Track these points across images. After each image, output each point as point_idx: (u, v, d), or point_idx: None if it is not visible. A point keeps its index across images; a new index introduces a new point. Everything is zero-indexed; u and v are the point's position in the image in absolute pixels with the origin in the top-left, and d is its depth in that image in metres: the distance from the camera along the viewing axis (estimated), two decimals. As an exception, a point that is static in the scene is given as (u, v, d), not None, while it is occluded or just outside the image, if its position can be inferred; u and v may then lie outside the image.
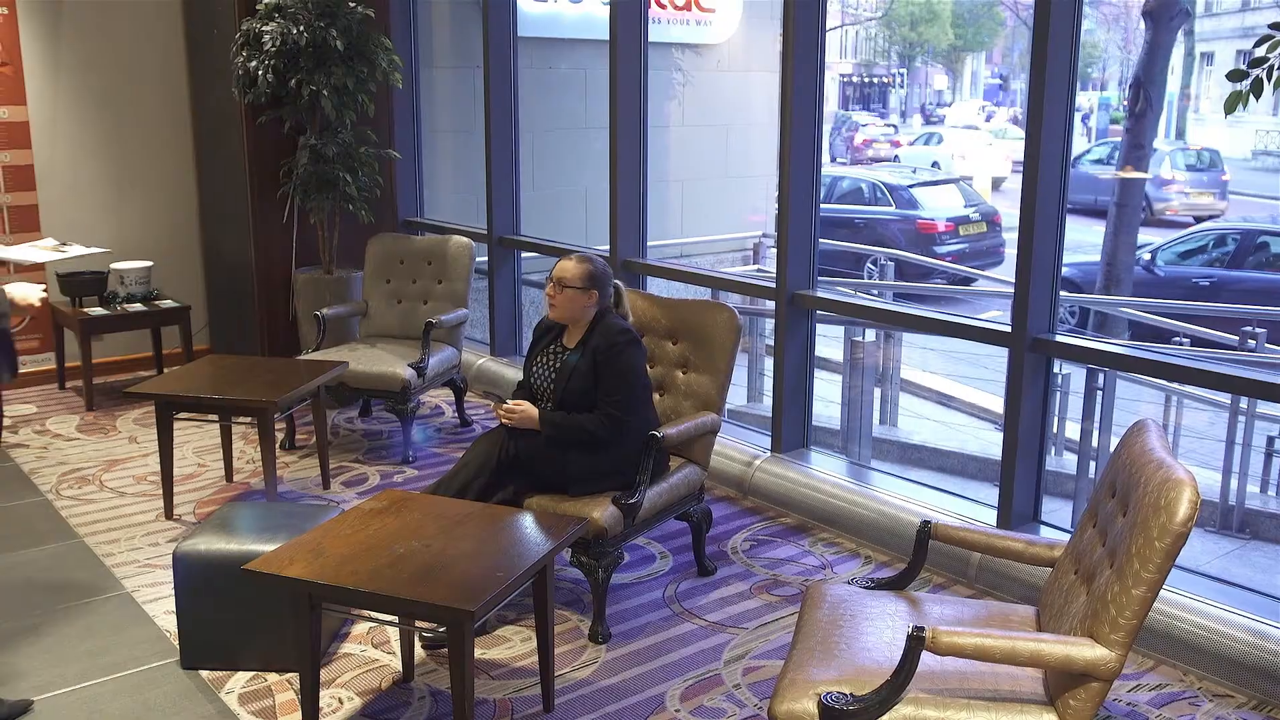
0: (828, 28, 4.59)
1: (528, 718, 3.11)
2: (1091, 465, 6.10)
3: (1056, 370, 4.81)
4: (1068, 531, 3.90)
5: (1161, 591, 2.30)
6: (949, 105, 36.03)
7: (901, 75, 38.09)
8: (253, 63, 5.55)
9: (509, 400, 3.62)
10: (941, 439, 7.66)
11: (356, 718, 3.10)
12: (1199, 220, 14.34)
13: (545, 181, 8.43)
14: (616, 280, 3.77)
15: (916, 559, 2.86)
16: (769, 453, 4.81)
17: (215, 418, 4.69)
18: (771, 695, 2.37)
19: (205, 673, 3.30)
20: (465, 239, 5.72)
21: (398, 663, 3.34)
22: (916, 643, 2.23)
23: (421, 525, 3.02)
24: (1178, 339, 7.51)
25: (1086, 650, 2.21)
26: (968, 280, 11.69)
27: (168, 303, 6.22)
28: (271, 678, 3.28)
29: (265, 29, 5.51)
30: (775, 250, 4.75)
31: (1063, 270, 3.95)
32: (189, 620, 3.30)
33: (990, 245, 13.37)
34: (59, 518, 4.46)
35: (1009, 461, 3.97)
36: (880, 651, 2.45)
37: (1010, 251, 10.11)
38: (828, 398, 6.90)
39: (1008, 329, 3.92)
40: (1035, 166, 3.72)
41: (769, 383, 6.46)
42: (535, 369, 3.71)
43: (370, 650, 3.45)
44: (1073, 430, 6.64)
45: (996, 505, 4.06)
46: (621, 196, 5.37)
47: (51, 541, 4.24)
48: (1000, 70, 37.48)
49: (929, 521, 2.82)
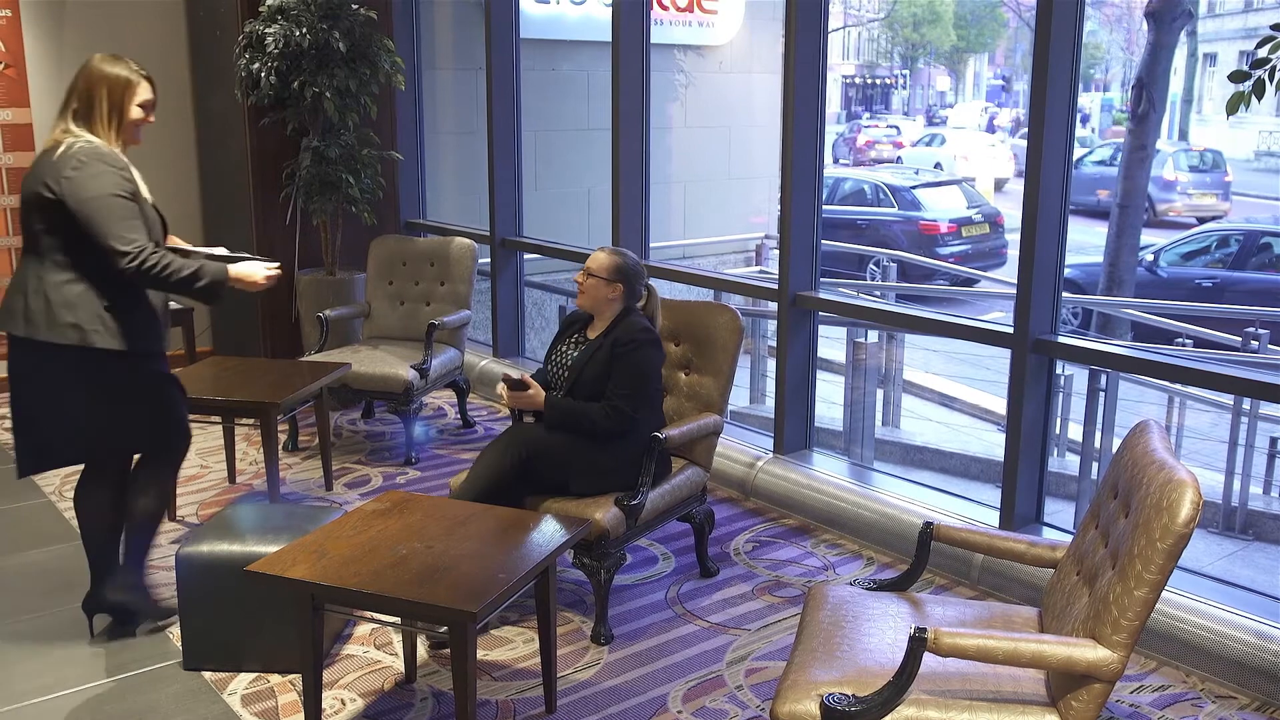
0: (830, 29, 4.59)
1: (530, 719, 3.11)
2: (1094, 466, 6.10)
3: (1059, 371, 4.81)
4: (1070, 533, 3.90)
5: (1164, 593, 2.31)
6: (951, 106, 36.04)
7: (904, 77, 38.11)
8: (255, 65, 5.56)
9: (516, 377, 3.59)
10: (944, 440, 7.66)
11: (359, 719, 3.10)
12: (1202, 221, 14.34)
13: (548, 183, 8.44)
14: (650, 282, 3.77)
15: (919, 560, 2.86)
16: (771, 454, 4.81)
17: (218, 419, 4.69)
18: (774, 696, 2.37)
19: (208, 674, 3.30)
20: (468, 240, 5.72)
21: (400, 664, 3.34)
22: (919, 644, 2.23)
23: (424, 526, 3.02)
24: (1180, 340, 7.50)
25: (1089, 651, 2.21)
26: (970, 281, 11.70)
27: (170, 304, 6.21)
28: (274, 679, 3.28)
29: (268, 31, 5.52)
30: (777, 251, 4.75)
31: (1065, 271, 3.95)
32: (192, 621, 3.30)
33: (993, 246, 13.38)
34: (62, 519, 4.46)
35: (1011, 463, 3.97)
36: (882, 653, 2.45)
37: (1013, 253, 10.11)
38: (830, 399, 6.90)
39: (1010, 330, 3.92)
40: (1037, 168, 3.72)
41: (771, 384, 6.47)
42: (554, 357, 3.72)
43: (373, 652, 3.45)
44: (1075, 431, 6.63)
45: (999, 506, 4.06)
46: (624, 198, 5.37)
47: (54, 543, 4.25)
48: (1003, 71, 37.49)
49: (931, 523, 2.82)
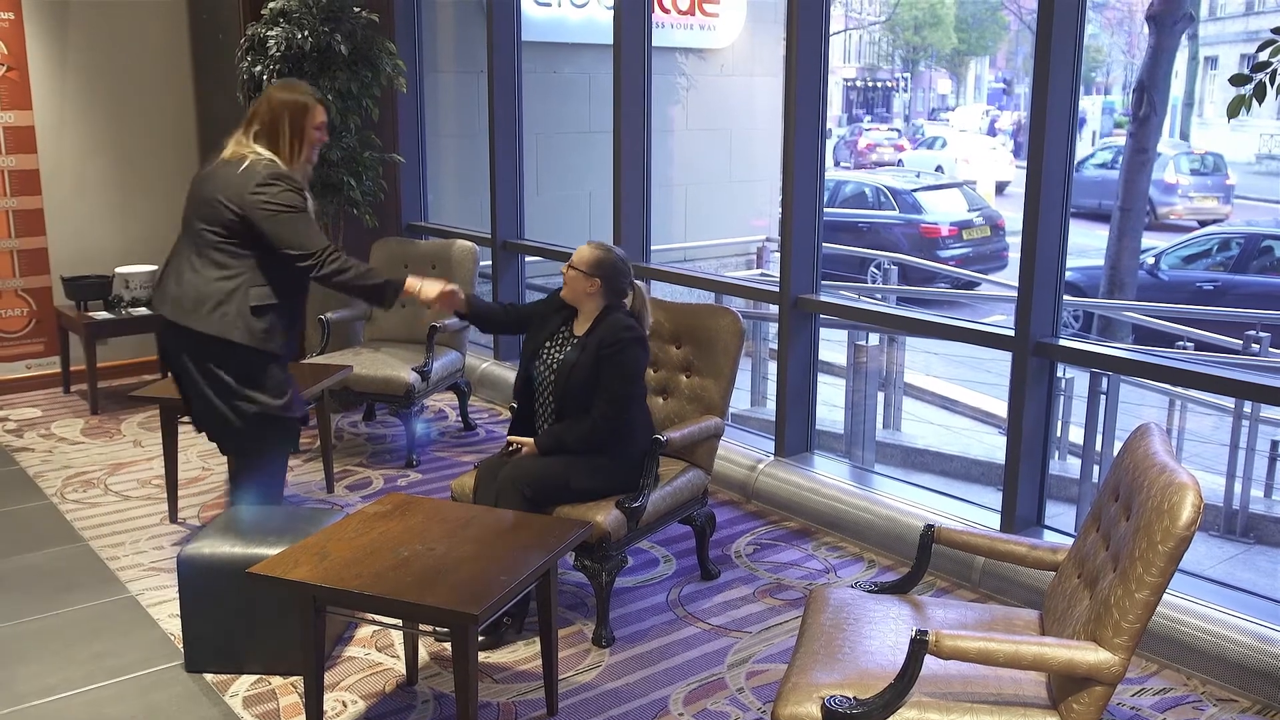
0: (831, 32, 4.60)
1: (531, 721, 3.11)
2: (1095, 469, 6.10)
3: (1060, 374, 4.81)
4: (1071, 536, 3.90)
5: (1165, 596, 2.31)
6: (953, 110, 36.04)
7: (905, 80, 38.11)
8: (257, 67, 5.56)
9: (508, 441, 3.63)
10: (945, 443, 7.65)
11: (360, 721, 3.11)
12: (1203, 224, 14.34)
13: (549, 186, 8.45)
14: (638, 281, 3.73)
15: (920, 563, 2.86)
16: (772, 457, 4.81)
17: (220, 421, 4.70)
18: (775, 699, 2.37)
19: (210, 676, 3.31)
20: (469, 243, 5.73)
21: (402, 666, 3.35)
22: (920, 646, 2.23)
23: (425, 529, 3.03)
24: (1181, 343, 7.50)
25: (1090, 654, 2.21)
26: (971, 284, 11.70)
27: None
28: (276, 681, 3.28)
29: (270, 34, 5.52)
30: (779, 254, 4.75)
31: (1066, 274, 3.95)
32: (193, 623, 3.31)
33: (994, 249, 13.37)
34: (64, 521, 4.47)
35: (1012, 465, 3.97)
36: (884, 655, 2.46)
37: (1014, 256, 10.12)
38: (831, 402, 6.90)
39: (1011, 333, 3.92)
40: (1038, 170, 3.73)
41: (772, 387, 6.47)
42: (540, 356, 3.68)
43: (374, 654, 3.45)
44: (1076, 434, 6.63)
45: (1000, 509, 4.06)
46: (625, 201, 5.37)
47: (56, 545, 4.25)
48: (1004, 74, 37.49)
49: (932, 525, 2.83)
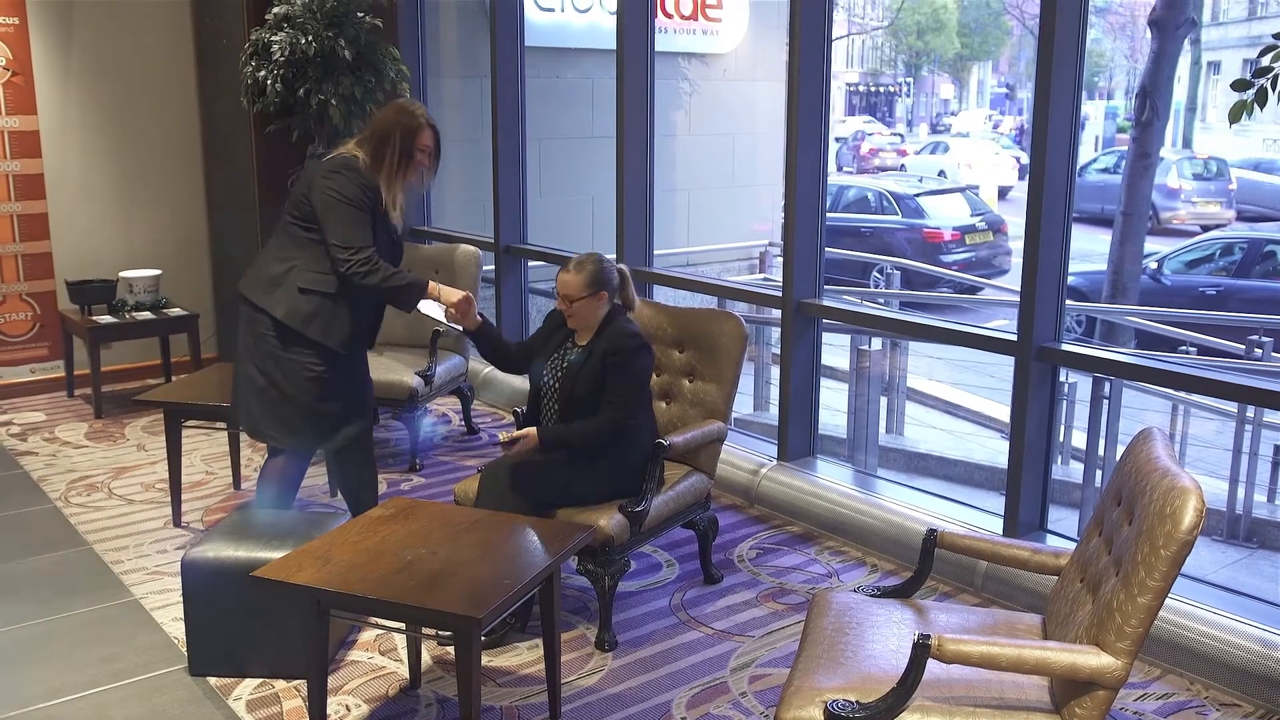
0: (834, 37, 4.61)
1: (534, 725, 3.12)
2: (1098, 474, 6.10)
3: (1063, 379, 4.81)
4: (1073, 540, 3.90)
5: (1168, 600, 2.31)
6: (955, 114, 36.06)
7: (908, 84, 38.14)
8: (261, 72, 5.58)
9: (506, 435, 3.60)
10: (947, 447, 7.66)
11: (363, 725, 3.11)
12: (1206, 229, 14.33)
13: (552, 190, 8.46)
14: (621, 265, 3.70)
15: (922, 567, 2.86)
16: (775, 461, 4.82)
17: (223, 425, 4.71)
18: (778, 703, 2.38)
19: (213, 679, 3.31)
20: (472, 248, 5.73)
21: (405, 670, 3.35)
22: (922, 650, 2.23)
23: (429, 532, 3.03)
24: (1184, 348, 7.50)
25: (1092, 658, 2.21)
26: (974, 289, 11.70)
27: (176, 311, 6.24)
28: (279, 684, 3.28)
29: (274, 39, 5.54)
30: (781, 259, 4.75)
31: (1069, 279, 3.95)
32: (197, 627, 3.31)
33: (997, 254, 13.38)
34: (68, 525, 4.48)
35: (1015, 470, 3.97)
36: (886, 659, 2.46)
37: (1017, 260, 10.12)
38: (834, 406, 6.90)
39: (1014, 338, 3.93)
40: (1041, 175, 3.73)
41: (775, 391, 6.47)
42: (546, 365, 3.67)
43: (377, 657, 3.46)
44: (1079, 439, 6.63)
45: (1003, 514, 4.06)
46: (628, 205, 5.38)
47: (60, 549, 4.26)
48: (1007, 79, 37.51)
49: (935, 530, 2.83)
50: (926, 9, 34.15)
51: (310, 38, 5.52)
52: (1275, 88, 2.91)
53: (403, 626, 3.15)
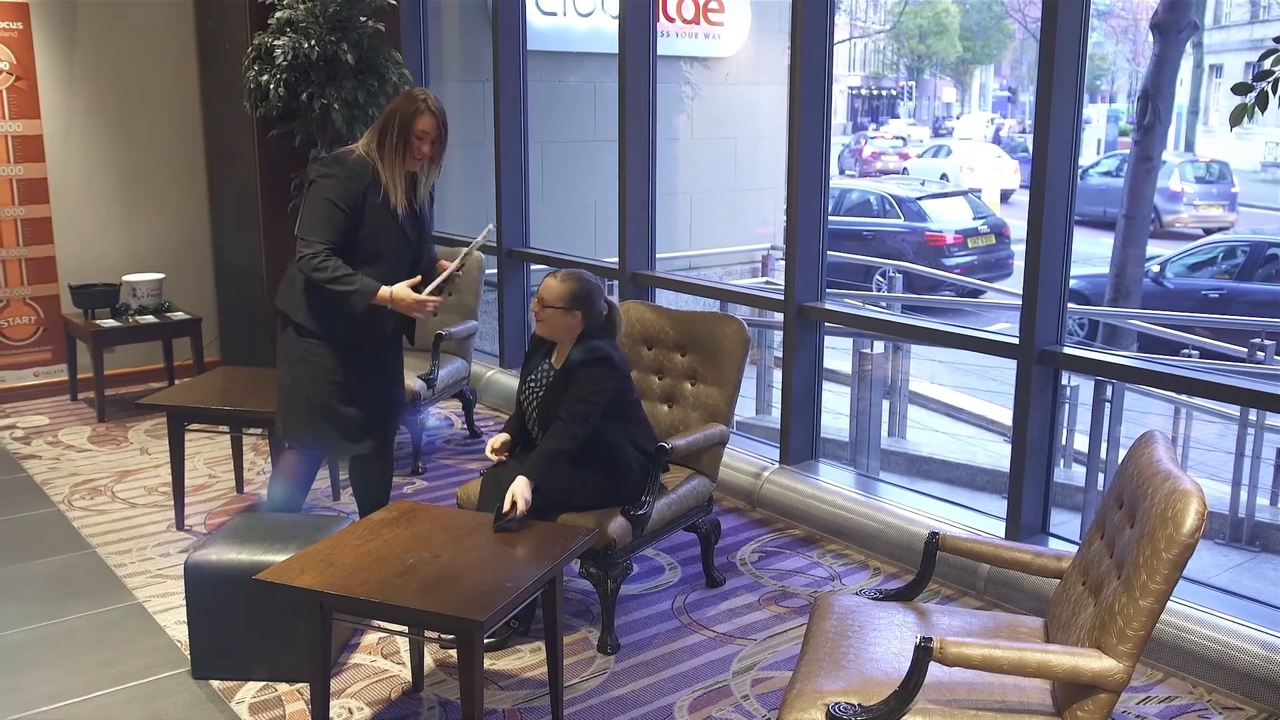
0: (836, 40, 4.61)
1: (537, 728, 3.12)
2: (1100, 477, 6.09)
3: (1065, 382, 4.81)
4: (1075, 543, 3.90)
5: (1170, 603, 2.31)
6: (957, 118, 36.06)
7: (910, 88, 38.16)
8: (264, 76, 5.59)
9: (490, 446, 3.56)
10: (949, 451, 7.65)
11: (366, 728, 3.11)
12: (1208, 232, 14.33)
13: (554, 194, 8.46)
14: (611, 298, 3.64)
15: (925, 570, 2.86)
16: (777, 464, 4.82)
17: (226, 429, 4.72)
18: (780, 706, 2.38)
19: (216, 683, 3.31)
20: (475, 252, 5.73)
21: (407, 673, 3.35)
22: (924, 653, 2.23)
23: (431, 536, 3.03)
24: (1186, 351, 7.50)
25: (1094, 661, 2.21)
26: (976, 292, 11.70)
27: (179, 315, 6.25)
28: (282, 688, 3.29)
29: (277, 43, 5.55)
30: (783, 262, 4.76)
31: (1071, 282, 3.95)
32: (200, 630, 3.32)
33: (999, 257, 13.39)
34: (71, 528, 4.48)
35: (1017, 473, 3.97)
36: (888, 662, 2.46)
37: (1019, 264, 10.11)
38: (836, 410, 6.90)
39: (1016, 341, 3.93)
40: (1043, 179, 3.73)
41: (777, 395, 6.47)
42: (525, 388, 3.62)
43: (380, 660, 3.46)
44: (1081, 442, 6.62)
45: (1005, 517, 4.06)
46: (630, 209, 5.39)
47: (63, 552, 4.27)
48: (1009, 83, 37.52)
49: (937, 533, 2.83)
50: (928, 12, 34.18)
51: (313, 42, 5.53)
52: (1276, 91, 2.92)
53: (405, 629, 3.15)
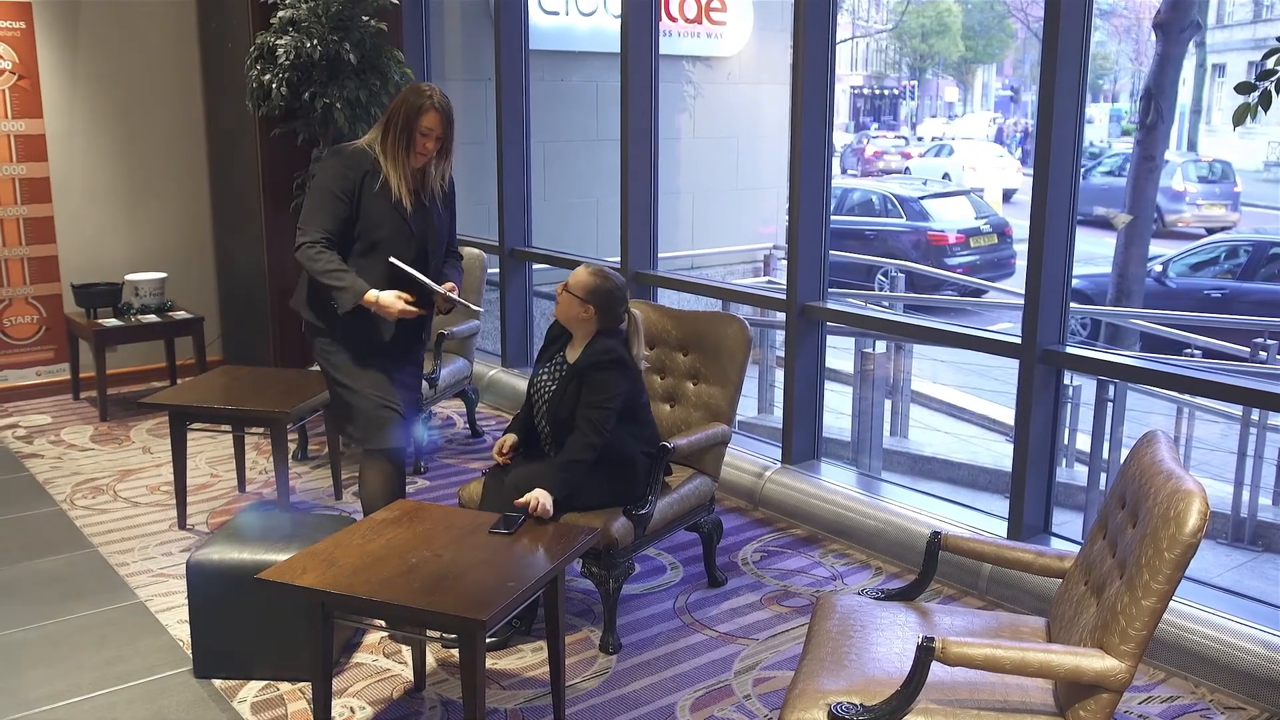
0: (838, 40, 4.61)
1: (538, 728, 3.12)
2: (1102, 477, 6.09)
3: (1067, 382, 4.81)
4: (1078, 543, 3.90)
5: (1173, 603, 2.31)
6: (960, 117, 36.04)
7: (912, 87, 38.13)
8: (266, 76, 5.59)
9: (497, 447, 3.59)
10: (952, 450, 7.65)
11: (368, 727, 3.11)
12: (1211, 232, 14.32)
13: (557, 193, 8.46)
14: (634, 310, 3.64)
15: (927, 570, 2.86)
16: (779, 464, 4.82)
17: (228, 428, 4.72)
18: (782, 705, 2.38)
19: (218, 682, 3.32)
20: (477, 250, 5.73)
21: (409, 672, 3.35)
22: (926, 653, 2.23)
23: (433, 535, 3.04)
24: (1189, 351, 7.49)
25: (1096, 661, 2.21)
26: (978, 292, 11.69)
27: (181, 314, 6.25)
28: (284, 687, 3.29)
29: (279, 43, 5.55)
30: (786, 262, 4.76)
31: (1073, 282, 3.95)
32: (202, 630, 3.32)
33: (1001, 257, 13.38)
34: (73, 527, 4.49)
35: (1019, 473, 3.97)
36: (890, 662, 2.46)
37: (1021, 263, 10.11)
38: (838, 409, 6.90)
39: (1018, 341, 3.93)
40: (1045, 178, 3.73)
41: (779, 394, 6.47)
42: (537, 380, 3.64)
43: (382, 660, 3.46)
44: (1083, 442, 6.62)
45: (1007, 517, 4.06)
46: (632, 208, 5.39)
47: (65, 551, 4.27)
48: (1011, 82, 37.49)
49: (939, 533, 2.83)
50: (931, 12, 34.15)
51: (315, 41, 5.53)
52: (1279, 91, 2.92)
53: (407, 629, 3.15)
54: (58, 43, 6.25)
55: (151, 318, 6.15)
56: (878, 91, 38.60)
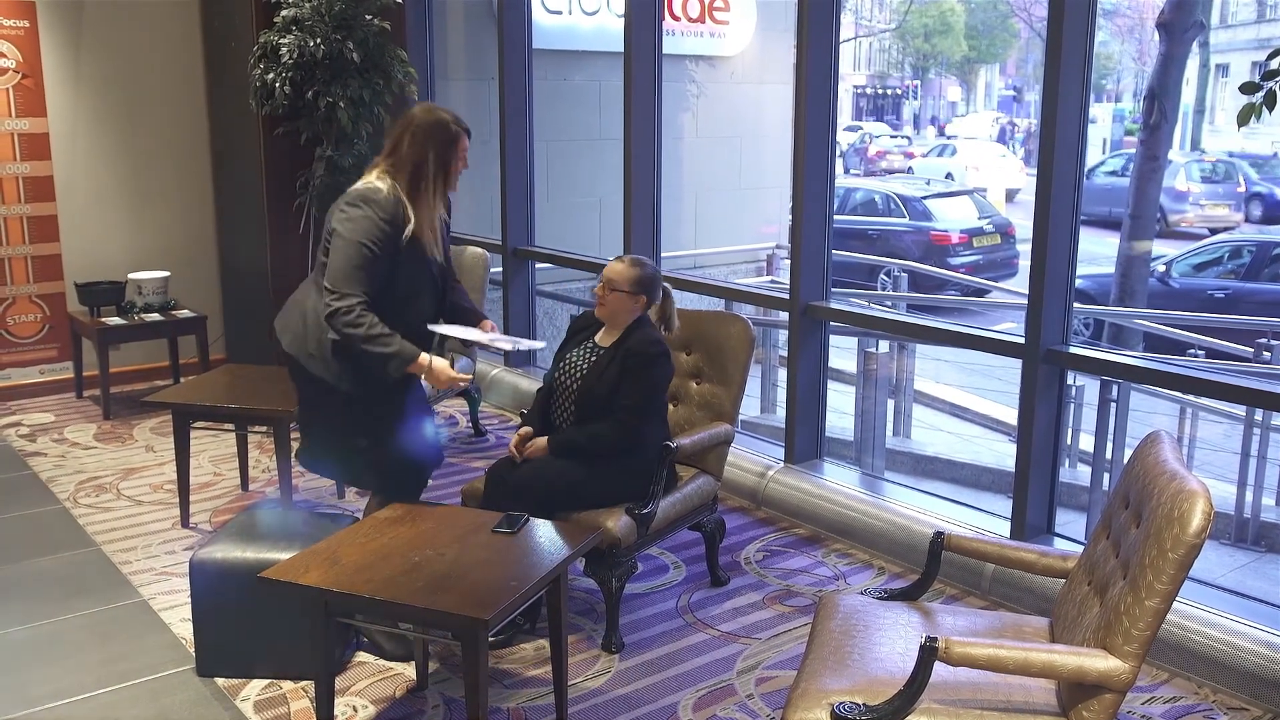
0: (841, 39, 4.61)
1: (541, 727, 3.12)
2: (1105, 477, 6.09)
3: (1070, 382, 4.81)
4: (1081, 543, 3.89)
5: (1176, 604, 2.30)
6: (962, 117, 36.02)
7: (915, 87, 38.12)
8: (270, 75, 5.59)
9: (515, 440, 3.59)
10: (955, 450, 7.65)
11: (371, 726, 3.12)
12: (1214, 232, 14.31)
13: (559, 193, 8.46)
14: (666, 283, 3.74)
15: (929, 570, 2.86)
16: (782, 464, 4.82)
17: (231, 427, 4.72)
18: (784, 705, 2.38)
19: (221, 680, 3.32)
20: (480, 250, 5.74)
21: (412, 671, 3.35)
22: (929, 653, 2.23)
23: (436, 534, 3.04)
24: (1192, 351, 7.49)
25: (1099, 661, 2.21)
26: (981, 292, 11.68)
27: (184, 313, 6.25)
28: (286, 685, 3.29)
29: (283, 42, 5.55)
30: (789, 261, 4.75)
31: (1077, 282, 3.94)
32: (205, 628, 3.32)
33: (1004, 257, 13.37)
34: (76, 526, 4.49)
35: (1022, 473, 3.97)
36: (893, 662, 2.46)
37: (1024, 263, 10.10)
38: (841, 409, 6.90)
39: (1021, 340, 3.92)
40: (1049, 178, 3.73)
41: (782, 394, 6.46)
42: (563, 364, 3.66)
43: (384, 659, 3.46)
44: (1086, 442, 6.62)
45: (1010, 517, 4.05)
46: (635, 207, 5.39)
47: (69, 549, 4.27)
48: (1014, 82, 37.47)
49: (942, 533, 2.83)
50: (934, 12, 34.14)
51: (318, 40, 5.53)
52: (1284, 90, 2.91)
53: (410, 628, 3.14)
54: (61, 42, 6.26)
55: (155, 316, 6.15)
56: (881, 91, 38.59)
